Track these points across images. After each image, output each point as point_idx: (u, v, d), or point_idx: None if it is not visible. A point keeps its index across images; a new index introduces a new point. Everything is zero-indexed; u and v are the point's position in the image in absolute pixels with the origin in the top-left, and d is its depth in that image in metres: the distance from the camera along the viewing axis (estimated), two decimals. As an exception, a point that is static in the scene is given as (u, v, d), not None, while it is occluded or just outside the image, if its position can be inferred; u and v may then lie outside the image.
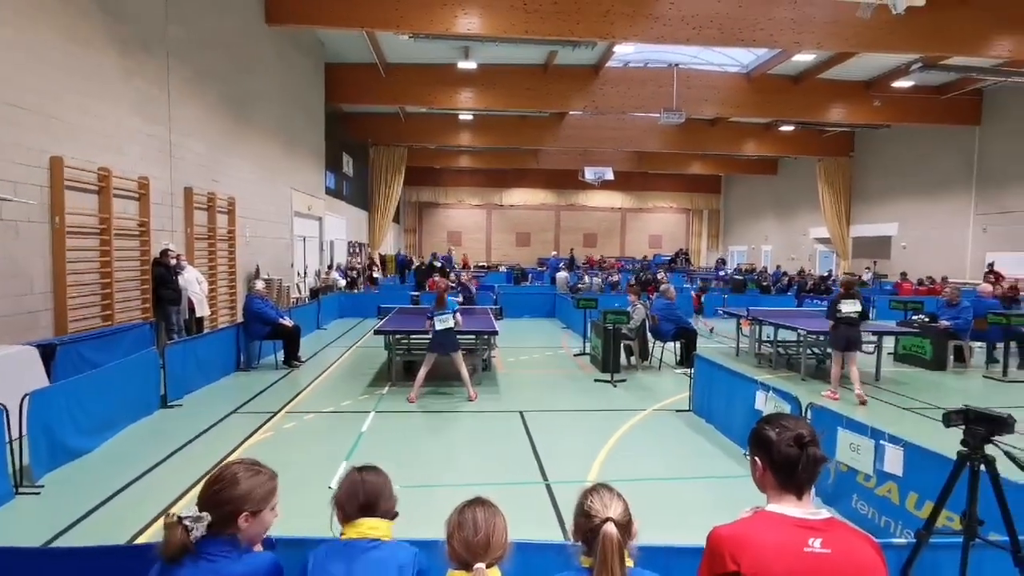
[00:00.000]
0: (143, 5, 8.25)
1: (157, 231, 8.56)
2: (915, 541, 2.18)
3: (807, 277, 21.39)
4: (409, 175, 27.06)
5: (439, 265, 19.28)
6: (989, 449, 2.12)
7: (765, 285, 20.84)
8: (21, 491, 4.24)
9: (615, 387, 7.93)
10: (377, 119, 22.09)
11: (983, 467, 2.09)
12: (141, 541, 3.51)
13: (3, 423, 4.13)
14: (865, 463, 4.02)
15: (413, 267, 22.15)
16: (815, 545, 1.57)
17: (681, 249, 35.16)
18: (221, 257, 10.65)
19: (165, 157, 8.83)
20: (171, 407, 6.57)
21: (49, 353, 5.92)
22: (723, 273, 26.68)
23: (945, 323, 9.45)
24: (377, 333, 8.28)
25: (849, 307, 7.24)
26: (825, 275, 22.96)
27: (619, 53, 16.29)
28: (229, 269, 11.00)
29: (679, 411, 6.78)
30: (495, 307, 11.65)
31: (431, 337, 7.07)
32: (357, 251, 22.18)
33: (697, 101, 17.60)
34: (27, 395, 4.40)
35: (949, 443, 2.22)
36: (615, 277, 20.27)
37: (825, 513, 1.65)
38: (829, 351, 8.80)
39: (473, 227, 35.68)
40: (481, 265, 31.39)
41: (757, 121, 22.03)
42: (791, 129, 22.42)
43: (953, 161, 20.10)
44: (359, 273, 19.62)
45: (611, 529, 1.62)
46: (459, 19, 11.73)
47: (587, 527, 1.68)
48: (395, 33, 12.90)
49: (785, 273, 23.44)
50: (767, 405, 5.13)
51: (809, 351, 9.03)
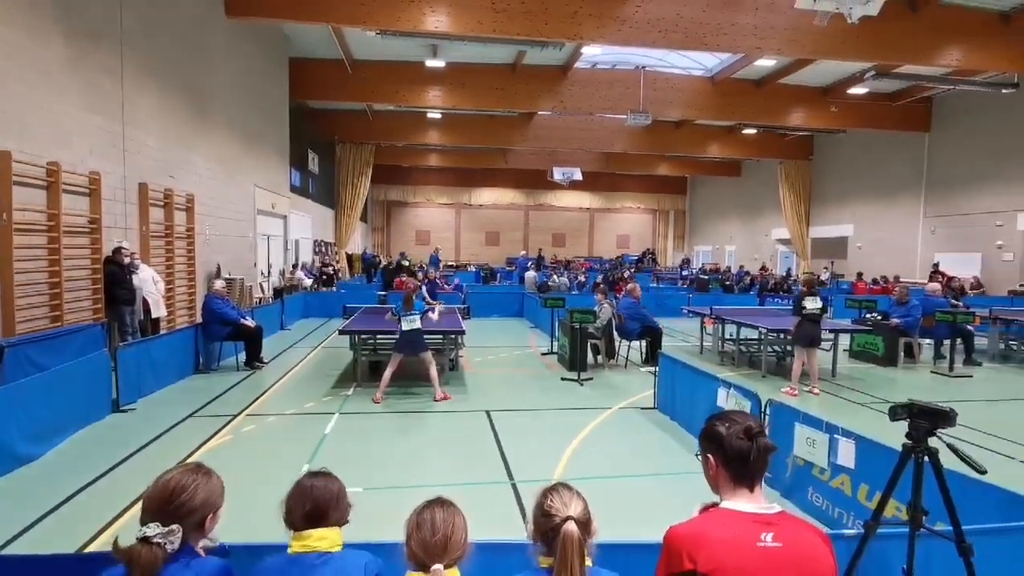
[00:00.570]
0: (95, -7, 7.92)
1: (109, 228, 8.23)
2: (863, 532, 2.25)
3: (768, 276, 21.95)
4: (377, 173, 26.72)
5: (407, 264, 19.12)
6: (933, 442, 2.21)
7: (728, 284, 21.32)
8: (-41, 501, 4.03)
9: (582, 386, 7.99)
10: (344, 116, 21.75)
11: (927, 459, 2.17)
12: (91, 550, 3.40)
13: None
14: (820, 456, 4.15)
15: (381, 266, 21.87)
16: (767, 539, 1.60)
17: (648, 249, 35.69)
18: (179, 256, 10.32)
19: (117, 152, 8.50)
20: (123, 411, 6.32)
21: (-8, 356, 5.64)
22: (687, 273, 27.19)
23: (896, 321, 9.83)
24: (342, 333, 8.16)
25: (812, 304, 7.48)
26: (785, 275, 23.62)
27: (587, 54, 16.43)
28: (188, 268, 10.67)
29: (644, 409, 6.87)
30: (462, 306, 11.59)
31: (397, 337, 7.01)
32: (325, 250, 21.79)
33: (663, 103, 17.88)
34: (-35, 400, 4.17)
35: (899, 436, 2.30)
36: (582, 277, 20.41)
37: (777, 507, 1.69)
38: (790, 348, 9.08)
39: (442, 226, 35.49)
40: (450, 264, 31.23)
41: (721, 124, 22.52)
42: (754, 132, 22.99)
43: (905, 166, 20.95)
44: (334, 271, 19.25)
45: (572, 528, 1.62)
46: (427, 17, 11.63)
47: (547, 526, 1.68)
48: (362, 29, 12.73)
49: (748, 273, 24.02)
50: (728, 402, 5.24)
51: (769, 348, 9.27)
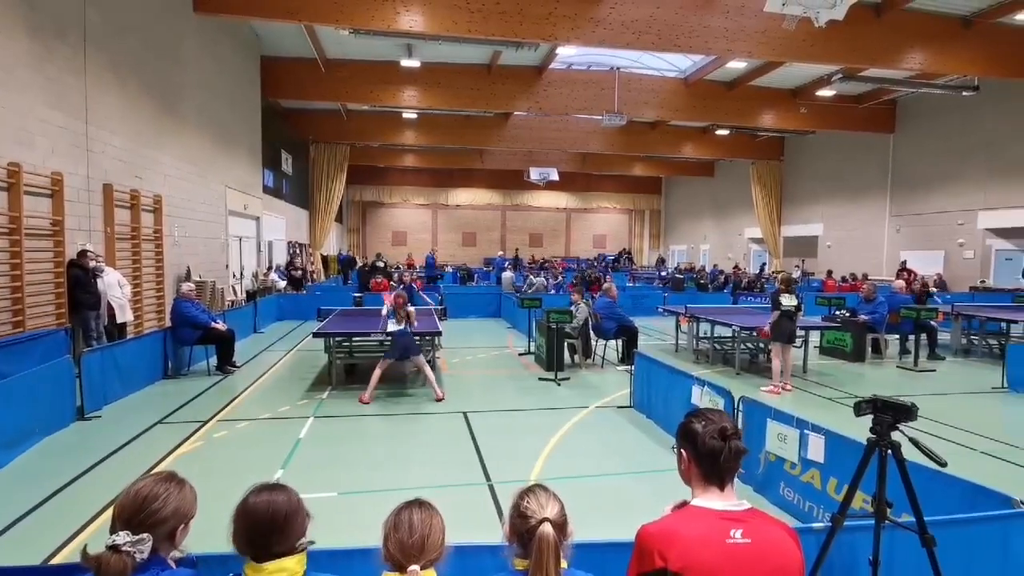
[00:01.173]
0: (55, -12, 7.68)
1: (73, 230, 7.97)
2: (830, 525, 2.30)
3: (742, 275, 22.32)
4: (352, 174, 26.44)
5: (382, 265, 18.96)
6: (896, 436, 2.27)
7: (703, 283, 21.62)
8: (-88, 516, 3.86)
9: (559, 385, 8.01)
10: (317, 116, 21.47)
11: (890, 452, 2.22)
12: (56, 562, 3.29)
13: None
14: (791, 452, 4.23)
15: (356, 267, 21.65)
16: (736, 536, 1.62)
17: (624, 249, 36.00)
18: (147, 258, 10.06)
19: (81, 151, 8.24)
20: (88, 419, 6.14)
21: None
22: (664, 273, 27.50)
23: (864, 318, 10.09)
24: (316, 336, 8.04)
25: (789, 301, 7.62)
26: (758, 272, 24.02)
27: (562, 55, 16.50)
28: (156, 271, 10.40)
29: (620, 407, 6.92)
30: (439, 307, 11.54)
31: (390, 343, 7.03)
32: (297, 251, 21.47)
33: (638, 104, 18.06)
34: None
35: (866, 431, 2.36)
36: (559, 279, 20.44)
37: (746, 504, 1.71)
38: (763, 345, 9.25)
39: (419, 227, 35.28)
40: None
41: (695, 125, 22.83)
42: (726, 133, 23.36)
43: (871, 166, 21.53)
44: (303, 272, 18.94)
45: (547, 529, 1.62)
46: (401, 16, 11.54)
47: (523, 528, 1.67)
48: (335, 28, 12.57)
49: (722, 272, 24.40)
50: (702, 399, 5.31)
51: (743, 346, 9.43)
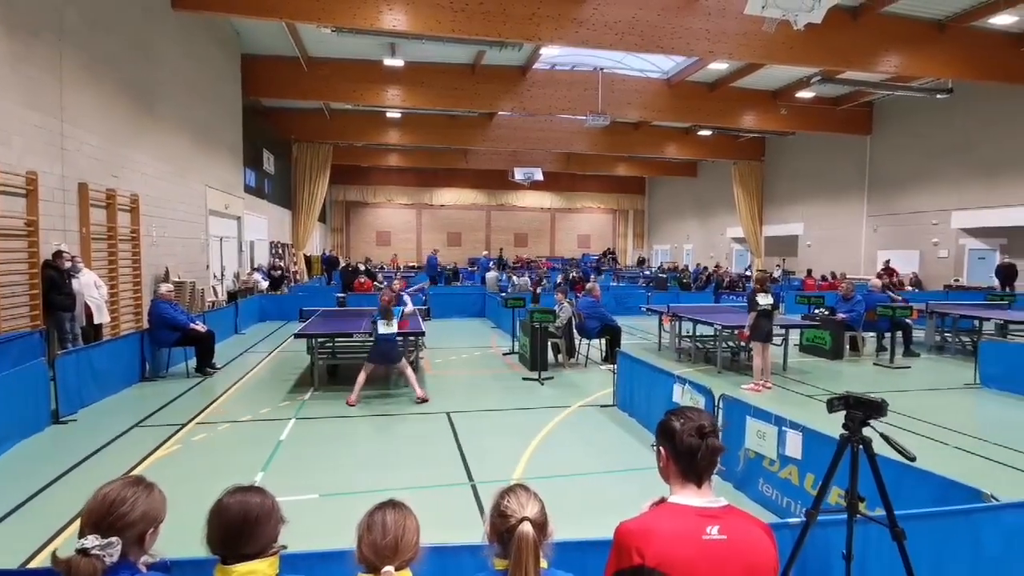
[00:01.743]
0: (29, -17, 7.52)
1: (47, 231, 7.81)
2: (804, 519, 2.34)
3: (724, 275, 22.56)
4: (335, 173, 26.25)
5: (363, 268, 18.86)
6: (868, 432, 2.32)
7: (686, 283, 21.82)
8: None
9: (542, 385, 8.04)
10: (300, 115, 21.27)
11: (862, 448, 2.27)
12: (32, 566, 3.26)
13: None
14: (770, 448, 4.29)
15: (339, 268, 21.49)
16: (713, 532, 1.65)
17: (608, 248, 36.19)
18: (123, 259, 9.88)
19: (56, 150, 8.07)
20: (64, 422, 6.03)
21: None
22: (648, 272, 27.71)
23: (842, 316, 10.27)
24: (298, 336, 7.97)
25: (764, 300, 7.73)
26: (746, 271, 24.25)
27: (545, 55, 16.54)
28: (133, 272, 10.23)
29: (603, 406, 6.96)
30: (423, 307, 11.50)
31: (372, 346, 6.95)
32: (279, 251, 21.25)
33: (621, 105, 18.16)
34: None
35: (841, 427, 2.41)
36: (543, 281, 20.49)
37: (723, 501, 1.74)
38: (743, 344, 9.36)
39: (403, 227, 35.14)
40: (411, 265, 30.95)
41: (677, 125, 23.02)
42: (708, 134, 23.59)
43: (849, 167, 21.91)
44: (283, 272, 18.73)
45: (527, 529, 1.62)
46: (384, 15, 11.48)
47: (503, 527, 1.67)
48: (317, 26, 12.46)
49: (705, 268, 24.63)
50: (683, 398, 5.36)
51: (724, 345, 9.53)
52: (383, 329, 6.75)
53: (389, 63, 16.08)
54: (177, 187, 12.21)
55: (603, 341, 9.90)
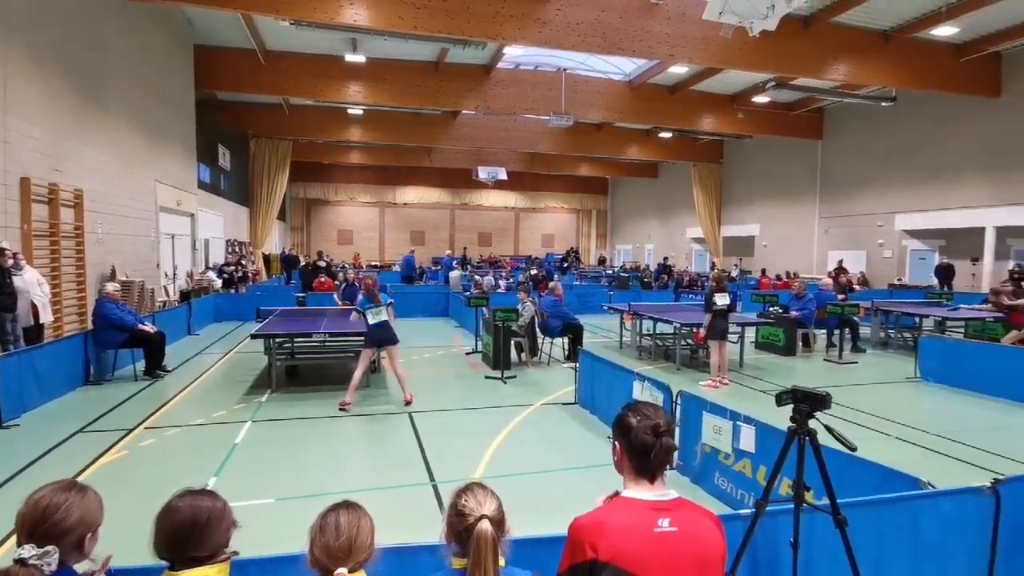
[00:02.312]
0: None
1: (-17, 227, 7.39)
2: (754, 510, 2.42)
3: (683, 274, 23.06)
4: (295, 170, 25.70)
5: (324, 264, 18.51)
6: (814, 425, 2.41)
7: (647, 282, 22.21)
8: None
9: (505, 384, 8.06)
10: (257, 109, 20.69)
11: (808, 439, 2.36)
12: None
13: None
14: (725, 443, 4.41)
15: (299, 267, 21.01)
16: (664, 525, 1.69)
17: (572, 248, 36.51)
18: (67, 257, 9.42)
19: (-7, 142, 7.64)
20: (6, 427, 5.73)
21: None
22: (611, 271, 28.07)
23: (795, 313, 10.64)
24: (255, 337, 7.76)
25: (722, 300, 7.94)
26: (711, 268, 24.75)
27: (509, 55, 16.57)
28: (77, 270, 9.75)
29: (566, 404, 7.03)
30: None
31: (366, 333, 6.87)
32: (237, 249, 20.63)
33: (584, 106, 18.34)
34: None
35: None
36: (506, 281, 20.53)
37: (674, 494, 1.78)
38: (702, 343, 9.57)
39: (365, 225, 34.64)
40: (374, 265, 30.54)
41: (639, 127, 23.40)
42: (669, 136, 24.06)
43: (802, 170, 22.72)
44: (242, 272, 18.15)
45: (486, 527, 1.62)
46: (345, 9, 11.27)
47: (461, 526, 1.67)
48: (275, 18, 12.15)
49: (671, 266, 25.11)
50: (643, 394, 5.46)
51: (683, 342, 9.75)
52: (373, 319, 6.74)
53: (350, 59, 15.82)
54: (126, 182, 11.72)
55: (565, 339, 9.99)
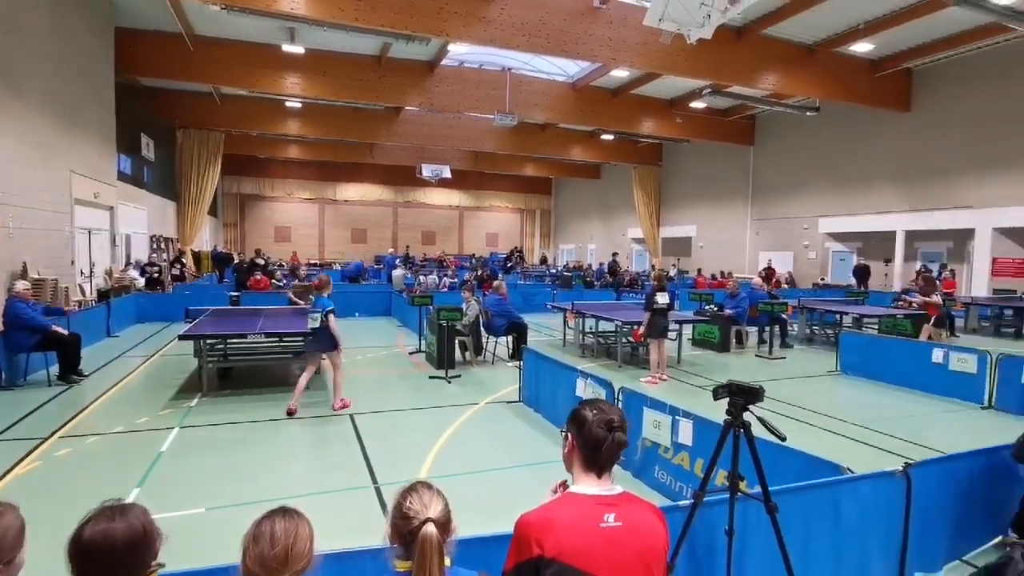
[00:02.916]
0: None
1: None
2: (692, 501, 2.50)
3: (624, 274, 23.63)
4: (228, 164, 24.53)
5: (262, 262, 17.77)
6: (748, 417, 2.51)
7: (589, 281, 22.63)
8: None
9: (450, 383, 7.99)
10: (185, 98, 19.59)
11: (743, 431, 2.46)
12: None
13: None
14: (664, 437, 4.54)
15: (232, 264, 20.06)
16: (609, 520, 1.71)
17: (516, 247, 36.71)
18: (-32, 252, 8.61)
19: None
20: None
21: None
22: (555, 271, 28.40)
23: (729, 312, 11.12)
24: (183, 338, 7.34)
25: (662, 299, 8.18)
26: (651, 268, 25.41)
27: (454, 52, 16.46)
28: (-20, 267, 8.94)
29: (510, 402, 7.05)
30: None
31: (312, 337, 6.70)
32: (163, 246, 19.45)
33: (528, 106, 18.48)
34: None
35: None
36: (451, 279, 20.41)
37: (619, 488, 1.81)
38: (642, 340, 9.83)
39: (304, 222, 33.53)
40: (314, 263, 29.60)
41: (582, 128, 23.80)
42: (611, 138, 24.61)
43: (735, 174, 23.80)
44: (161, 270, 17.09)
45: (431, 530, 1.58)
46: (281, -4, 10.86)
47: (406, 529, 1.61)
48: (202, 2, 11.54)
49: (617, 263, 25.63)
50: (586, 391, 5.54)
51: (624, 340, 9.98)
52: (311, 324, 6.59)
53: (288, 49, 15.25)
54: (37, 173, 10.80)
55: (510, 338, 10.02)
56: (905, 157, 17.54)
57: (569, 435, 1.85)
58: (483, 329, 9.74)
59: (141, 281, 15.15)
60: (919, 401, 7.51)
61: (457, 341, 9.14)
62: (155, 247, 18.43)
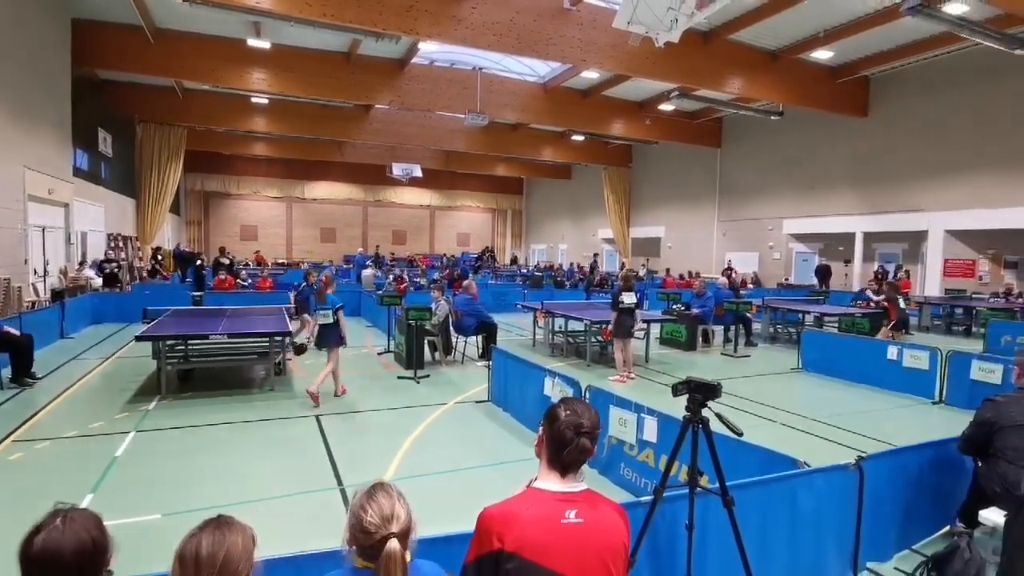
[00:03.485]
0: None
1: None
2: (653, 496, 2.54)
3: (594, 273, 23.83)
4: (191, 160, 23.89)
5: (226, 262, 17.35)
6: (707, 413, 2.56)
7: (560, 280, 22.77)
8: None
9: (419, 383, 7.94)
10: (146, 91, 18.97)
11: (701, 427, 2.51)
12: None
13: None
14: (630, 434, 4.60)
15: (194, 264, 19.51)
16: (571, 516, 1.73)
17: (487, 247, 36.67)
18: (-92, 250, 8.19)
19: None
20: None
21: None
22: (526, 271, 28.47)
23: (696, 311, 11.32)
24: (141, 339, 7.11)
25: (629, 298, 8.27)
26: (591, 270, 25.54)
27: (425, 51, 16.34)
28: (-78, 266, 8.51)
29: (479, 402, 7.04)
30: (289, 306, 10.82)
31: (319, 333, 7.04)
32: (121, 244, 18.80)
33: (499, 106, 18.47)
34: None
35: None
36: (423, 278, 20.30)
37: (583, 485, 1.82)
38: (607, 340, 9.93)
39: (271, 221, 32.84)
40: (281, 262, 29.03)
41: (553, 129, 23.91)
42: (582, 139, 24.79)
43: (703, 176, 24.24)
44: (120, 266, 16.48)
45: (394, 547, 1.51)
46: (246, -11, 10.63)
47: (367, 543, 1.54)
48: (165, -6, 11.22)
49: (589, 265, 25.83)
50: (554, 390, 5.57)
51: (593, 339, 10.08)
52: (321, 321, 6.97)
53: (253, 43, 14.92)
54: (-16, 166, 10.35)
55: (480, 338, 10.00)
56: (863, 161, 18.14)
57: (541, 428, 1.88)
58: (453, 329, 9.70)
59: (98, 280, 14.64)
60: (875, 397, 7.77)
61: (426, 341, 9.09)
62: (113, 245, 17.80)
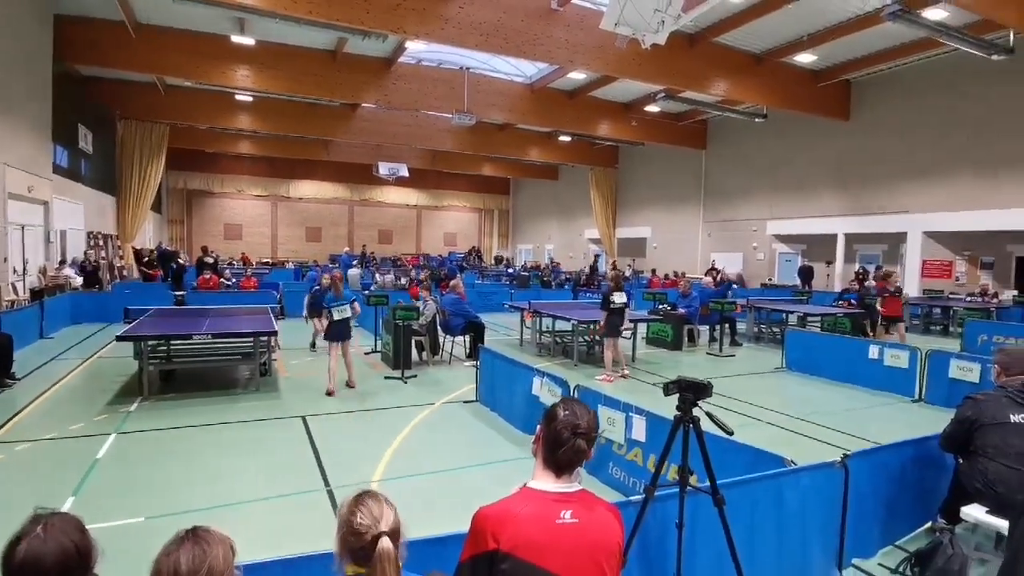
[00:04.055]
0: None
1: None
2: (644, 496, 2.55)
3: (580, 273, 23.92)
4: (174, 158, 23.52)
5: (211, 261, 17.12)
6: (698, 412, 2.58)
7: (546, 280, 22.81)
8: None
9: (406, 383, 7.91)
10: (127, 88, 18.65)
11: (692, 426, 2.53)
12: None
13: None
14: (618, 433, 4.62)
15: (176, 264, 19.19)
16: (566, 516, 1.74)
17: (474, 247, 36.63)
18: None
19: None
20: None
21: None
22: (512, 271, 28.48)
23: (682, 311, 11.41)
24: (122, 339, 6.99)
25: (619, 298, 8.31)
26: (591, 270, 25.76)
27: (412, 50, 16.28)
28: None
29: (467, 402, 7.03)
30: (275, 306, 10.71)
31: (330, 327, 7.22)
32: (102, 243, 18.46)
33: (486, 106, 18.45)
34: None
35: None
36: (411, 274, 20.24)
37: (577, 486, 1.83)
38: (596, 338, 9.99)
39: (256, 220, 32.48)
40: (265, 262, 28.72)
41: (540, 130, 23.95)
42: (568, 140, 24.86)
43: (688, 177, 24.44)
44: (101, 268, 16.22)
45: (387, 545, 1.52)
46: (230, -15, 10.51)
47: (358, 545, 1.54)
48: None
49: (594, 267, 25.91)
50: (542, 390, 5.58)
51: (581, 339, 10.11)
52: (337, 316, 7.16)
53: (237, 40, 14.75)
54: (-41, 163, 10.10)
55: (467, 338, 9.98)
56: (844, 164, 18.42)
57: (540, 426, 1.88)
58: (440, 328, 9.67)
59: (78, 280, 14.36)
60: (857, 395, 7.89)
61: (414, 341, 9.06)
62: (92, 244, 17.48)
